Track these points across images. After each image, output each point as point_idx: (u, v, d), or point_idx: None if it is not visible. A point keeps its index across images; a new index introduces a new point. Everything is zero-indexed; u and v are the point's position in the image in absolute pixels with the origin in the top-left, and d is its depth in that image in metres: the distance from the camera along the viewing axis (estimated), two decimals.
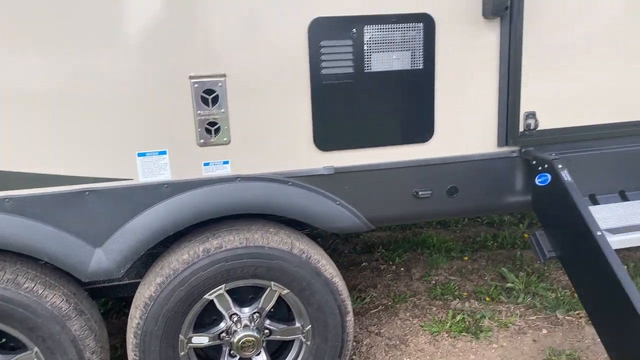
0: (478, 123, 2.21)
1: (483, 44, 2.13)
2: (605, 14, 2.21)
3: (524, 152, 2.24)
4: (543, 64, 2.18)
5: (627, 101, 2.31)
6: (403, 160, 2.17)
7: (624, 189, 2.33)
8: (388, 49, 2.06)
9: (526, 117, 2.22)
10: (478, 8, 2.09)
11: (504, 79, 2.17)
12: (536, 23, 2.13)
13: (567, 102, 2.25)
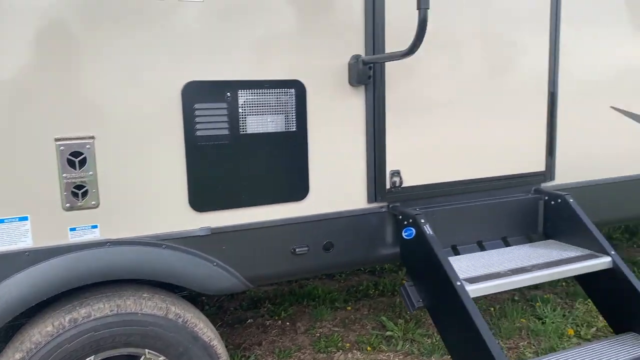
0: (349, 181, 2.34)
1: (351, 108, 2.29)
2: (459, 78, 2.46)
3: (392, 208, 2.40)
4: (405, 126, 2.38)
5: (481, 159, 2.57)
6: (280, 218, 2.23)
7: (482, 239, 2.56)
8: (262, 112, 2.14)
9: (392, 175, 2.38)
10: (345, 77, 2.25)
11: (370, 140, 2.33)
12: (397, 89, 2.33)
13: (429, 161, 2.45)
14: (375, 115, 2.31)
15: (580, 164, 2.80)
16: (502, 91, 2.56)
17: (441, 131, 2.46)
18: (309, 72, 2.19)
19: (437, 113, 2.45)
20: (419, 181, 2.43)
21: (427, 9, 1.84)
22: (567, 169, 2.77)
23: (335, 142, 2.28)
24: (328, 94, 2.23)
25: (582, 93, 2.75)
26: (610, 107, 2.85)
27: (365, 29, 2.25)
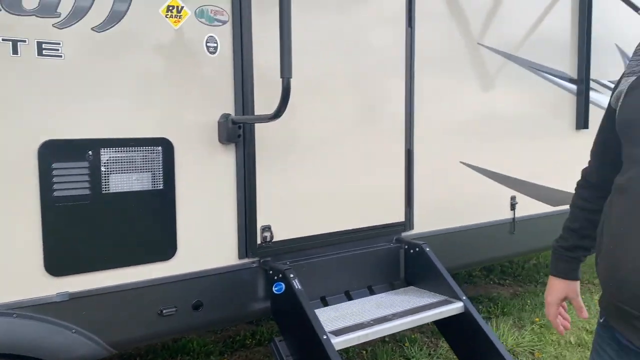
0: (220, 238, 2.34)
1: (221, 166, 2.31)
2: (326, 134, 2.59)
3: (263, 263, 2.44)
4: (276, 181, 2.45)
5: (348, 211, 2.71)
6: (145, 279, 2.16)
7: (349, 289, 2.68)
8: (127, 170, 2.09)
9: (263, 231, 2.43)
10: (215, 134, 2.28)
11: (241, 196, 2.37)
12: (268, 146, 2.41)
13: (299, 215, 2.54)
14: (246, 172, 2.36)
15: (436, 213, 3.05)
16: (367, 146, 2.74)
17: (310, 185, 2.56)
18: (177, 130, 2.19)
19: (306, 167, 2.55)
20: (290, 235, 2.50)
21: (289, 78, 1.95)
22: (424, 219, 3.01)
23: (205, 199, 2.28)
24: (197, 152, 2.25)
25: (435, 149, 3.02)
26: (460, 162, 3.16)
27: (234, 89, 2.31)
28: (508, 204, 3.42)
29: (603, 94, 3.91)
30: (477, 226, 3.24)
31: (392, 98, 2.82)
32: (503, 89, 3.32)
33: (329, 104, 2.59)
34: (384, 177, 2.82)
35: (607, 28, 3.81)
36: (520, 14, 3.38)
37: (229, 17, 2.27)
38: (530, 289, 5.25)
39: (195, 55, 2.21)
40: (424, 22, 2.88)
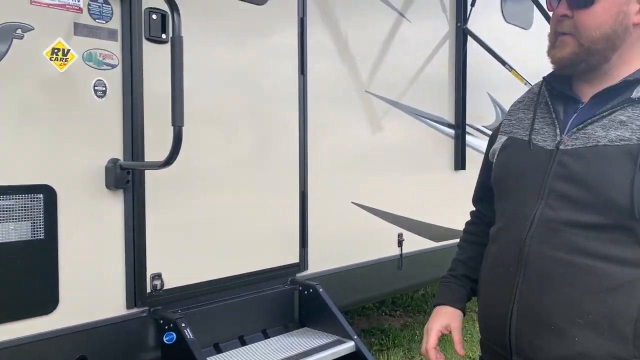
0: (107, 288, 2.24)
1: (108, 213, 2.23)
2: (220, 183, 2.60)
3: (153, 312, 2.36)
4: (167, 227, 2.40)
5: (242, 254, 2.71)
6: (22, 336, 2.01)
7: (243, 334, 2.66)
8: (3, 220, 1.96)
9: (153, 279, 2.36)
10: (102, 180, 2.20)
11: (130, 244, 2.29)
12: (158, 192, 2.36)
13: (191, 261, 2.50)
14: (135, 219, 2.29)
15: (330, 253, 3.14)
16: (262, 188, 2.77)
17: (203, 230, 2.54)
18: (61, 176, 2.09)
19: (198, 212, 2.53)
20: (181, 282, 2.45)
21: (181, 127, 1.95)
22: (319, 259, 3.08)
23: (90, 248, 2.18)
24: (82, 199, 2.15)
25: (328, 190, 3.13)
26: (351, 202, 3.29)
27: (123, 133, 2.26)
28: (396, 240, 3.61)
29: (477, 137, 4.28)
30: (368, 263, 3.37)
31: (286, 143, 2.89)
32: (389, 133, 3.52)
33: (223, 147, 2.61)
34: (278, 219, 2.87)
35: (480, 78, 4.20)
36: (404, 66, 3.64)
37: (119, 61, 2.24)
38: (419, 319, 5.50)
39: (82, 99, 2.14)
40: (316, 71, 3.01)
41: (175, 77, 1.92)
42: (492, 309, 1.35)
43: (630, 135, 1.20)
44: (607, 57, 1.28)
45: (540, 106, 1.39)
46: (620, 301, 1.16)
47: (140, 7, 2.28)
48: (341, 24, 3.17)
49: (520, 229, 1.30)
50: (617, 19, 1.26)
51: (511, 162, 1.40)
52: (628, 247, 1.19)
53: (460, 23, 3.99)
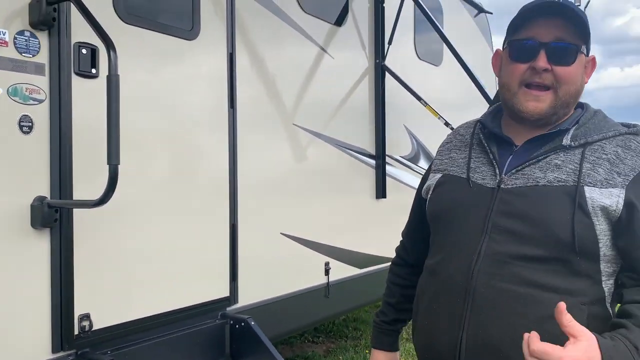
0: (30, 331, 2.13)
1: (33, 253, 2.14)
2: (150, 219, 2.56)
3: (80, 355, 2.26)
4: (96, 267, 2.33)
5: (172, 291, 2.67)
6: None
7: None
8: None
9: (81, 320, 2.27)
10: (27, 219, 2.11)
11: (56, 284, 2.20)
12: (85, 230, 2.29)
13: (119, 300, 2.43)
14: (62, 258, 2.21)
15: (259, 285, 3.16)
16: (192, 223, 2.76)
17: (132, 267, 2.49)
18: None
19: (127, 249, 2.48)
20: (111, 322, 2.38)
21: (117, 165, 1.93)
22: (249, 291, 3.09)
23: (12, 290, 2.07)
24: (7, 238, 2.05)
25: (258, 222, 3.16)
26: (280, 233, 3.34)
27: (50, 170, 2.18)
28: (323, 269, 3.69)
29: (396, 167, 4.51)
30: (298, 293, 3.42)
31: (216, 176, 2.91)
32: (315, 164, 3.63)
33: (153, 181, 2.58)
34: (208, 253, 2.86)
35: (397, 111, 4.44)
36: (328, 99, 3.79)
37: (46, 96, 2.17)
38: (342, 344, 5.59)
39: (7, 135, 2.06)
40: (245, 104, 3.06)
41: (112, 115, 1.90)
42: (439, 338, 1.42)
43: (566, 177, 1.34)
44: (570, 109, 1.44)
45: (473, 147, 1.51)
46: (559, 327, 1.24)
47: (70, 41, 2.23)
48: (268, 59, 3.26)
49: (466, 261, 1.38)
50: (581, 78, 1.42)
51: (449, 198, 1.49)
52: (565, 278, 1.32)
53: (379, 60, 4.22)
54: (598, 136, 1.39)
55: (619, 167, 1.34)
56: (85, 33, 2.27)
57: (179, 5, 2.72)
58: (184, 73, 2.74)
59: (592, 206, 1.31)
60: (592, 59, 1.45)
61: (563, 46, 1.37)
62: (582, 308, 1.30)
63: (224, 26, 2.94)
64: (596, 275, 1.34)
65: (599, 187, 1.32)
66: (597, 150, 1.37)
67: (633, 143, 1.39)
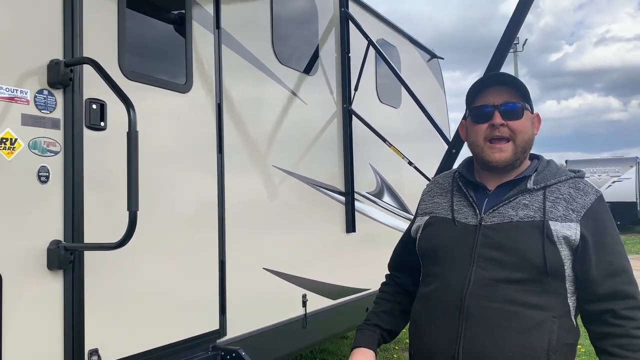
0: None
1: (49, 294, 2.30)
2: (150, 263, 2.75)
3: None
4: (101, 306, 2.50)
5: (166, 328, 2.84)
6: None
7: None
8: None
9: (90, 355, 2.43)
10: (44, 261, 2.28)
11: (69, 322, 2.36)
12: (94, 270, 2.47)
13: (124, 335, 2.60)
14: (74, 298, 2.37)
15: (245, 318, 3.36)
16: (185, 261, 2.95)
17: (134, 305, 2.66)
18: (6, 260, 2.15)
19: (129, 288, 2.65)
20: (116, 355, 2.54)
21: (136, 211, 2.15)
22: (235, 324, 3.29)
23: (31, 330, 2.23)
24: (26, 281, 2.22)
25: (242, 258, 3.38)
26: (263, 268, 3.57)
27: (64, 216, 2.37)
28: (300, 301, 3.92)
29: (363, 202, 4.83)
30: (278, 325, 3.64)
31: (207, 217, 3.14)
32: (291, 201, 3.90)
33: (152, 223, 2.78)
34: (200, 288, 3.06)
35: (363, 151, 4.79)
36: (302, 142, 4.09)
37: (61, 148, 2.37)
38: None
39: (27, 185, 2.24)
40: (231, 149, 3.32)
41: (131, 167, 2.13)
42: (438, 353, 1.71)
43: (534, 214, 1.67)
44: (524, 159, 1.77)
45: (454, 192, 1.84)
46: (536, 337, 1.60)
47: (82, 98, 2.45)
48: (250, 107, 3.55)
49: (459, 286, 1.68)
50: (531, 129, 1.77)
51: (439, 236, 1.79)
52: (540, 295, 1.63)
53: (346, 104, 4.58)
54: (554, 180, 1.74)
55: (572, 204, 1.68)
56: (94, 90, 2.50)
57: (174, 62, 2.99)
58: (179, 122, 2.99)
59: (556, 236, 1.63)
60: (537, 115, 1.82)
61: (511, 105, 1.73)
62: (553, 320, 1.62)
63: (213, 79, 3.22)
64: (563, 292, 1.66)
65: (560, 221, 1.65)
66: (554, 191, 1.71)
67: (581, 184, 1.74)
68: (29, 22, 2.30)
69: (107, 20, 2.62)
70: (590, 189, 1.73)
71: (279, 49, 3.85)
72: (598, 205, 1.69)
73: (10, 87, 2.20)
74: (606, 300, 1.62)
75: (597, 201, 1.70)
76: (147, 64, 2.84)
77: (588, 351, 5.53)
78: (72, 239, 2.37)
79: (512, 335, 1.61)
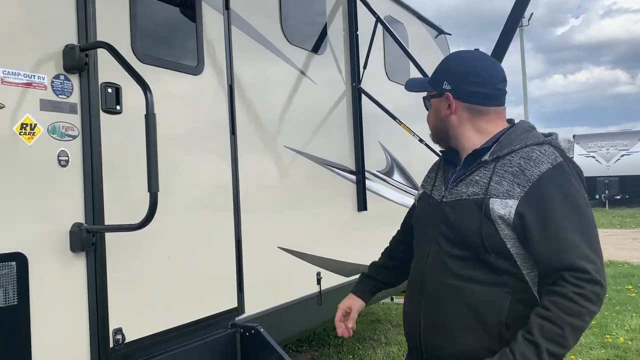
0: (73, 346, 2.34)
1: (73, 275, 2.35)
2: (170, 241, 2.79)
3: None
4: (125, 284, 2.56)
5: (187, 307, 2.90)
6: None
7: None
8: None
9: (115, 334, 2.50)
10: (66, 244, 2.33)
11: (93, 303, 2.42)
12: (116, 252, 2.52)
13: (146, 315, 2.66)
14: (97, 279, 2.43)
15: (261, 296, 3.42)
16: (202, 241, 3.00)
17: (154, 285, 2.72)
18: (31, 242, 2.20)
19: (149, 269, 2.70)
20: (140, 334, 2.60)
21: (157, 192, 2.18)
22: (252, 302, 3.35)
23: (58, 310, 2.29)
24: (50, 263, 2.27)
25: (258, 237, 3.43)
26: (278, 247, 3.62)
27: (84, 199, 2.41)
28: (315, 279, 3.98)
29: (374, 181, 4.86)
30: (294, 302, 3.70)
31: (223, 197, 3.18)
32: (303, 181, 3.93)
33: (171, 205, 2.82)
34: (218, 268, 3.11)
35: (373, 130, 4.80)
36: (313, 122, 4.11)
37: (79, 132, 2.41)
38: (325, 352, 5.86)
39: (48, 169, 2.28)
40: (244, 130, 3.35)
41: (150, 149, 2.16)
42: (409, 321, 1.86)
43: (479, 190, 1.67)
44: (447, 139, 1.86)
45: (439, 170, 1.94)
46: (487, 312, 1.65)
47: (97, 82, 2.48)
48: (260, 88, 3.56)
49: (422, 261, 1.81)
50: (438, 116, 1.84)
51: (421, 211, 1.94)
52: (487, 272, 1.67)
53: (355, 83, 4.58)
54: (507, 150, 1.67)
55: (519, 178, 1.60)
56: (110, 74, 2.52)
57: (185, 44, 3.00)
58: (192, 105, 3.01)
59: (494, 215, 1.62)
60: (446, 95, 1.79)
61: (423, 101, 1.94)
62: (506, 296, 1.64)
63: (223, 61, 3.23)
64: (515, 270, 1.65)
65: (500, 198, 1.61)
66: (505, 164, 1.65)
67: (535, 153, 1.63)
68: (44, 8, 2.31)
69: (119, 3, 2.62)
70: (545, 157, 1.62)
71: (287, 29, 3.85)
72: (550, 175, 1.58)
73: (28, 72, 2.23)
74: (556, 274, 1.56)
75: (551, 170, 1.59)
76: (159, 47, 2.85)
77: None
78: (92, 221, 2.41)
79: (464, 310, 1.68)
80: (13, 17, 2.20)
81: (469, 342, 1.66)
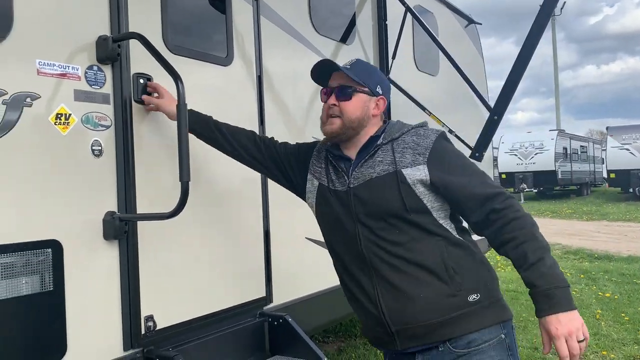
0: (106, 332, 2.39)
1: (106, 262, 2.40)
2: (199, 232, 2.83)
3: (147, 352, 2.52)
4: (157, 273, 2.60)
5: (216, 296, 2.94)
6: None
7: None
8: (16, 274, 2.08)
9: (146, 320, 2.54)
10: (100, 232, 2.38)
11: (125, 290, 2.46)
12: (148, 240, 2.56)
13: (177, 303, 2.70)
14: (129, 266, 2.47)
15: (290, 286, 3.44)
16: (233, 232, 3.03)
17: (185, 273, 2.75)
18: (66, 230, 2.24)
19: (181, 258, 2.73)
20: (170, 322, 2.64)
21: (188, 181, 2.21)
22: (280, 292, 3.37)
23: (92, 297, 2.34)
24: (84, 251, 2.31)
25: (286, 228, 3.44)
26: (305, 238, 3.63)
27: (117, 188, 2.45)
28: None
29: None
30: (322, 292, 3.71)
31: (251, 188, 3.20)
32: None
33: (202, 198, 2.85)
34: (247, 257, 3.14)
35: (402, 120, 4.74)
36: None
37: (112, 123, 2.44)
38: (351, 342, 5.88)
39: (82, 158, 2.32)
40: (272, 120, 3.35)
41: (182, 139, 2.18)
42: (366, 307, 1.99)
43: (388, 167, 1.95)
44: (358, 131, 2.04)
45: (328, 165, 2.12)
46: (431, 261, 1.89)
47: (129, 73, 2.51)
48: (288, 78, 3.56)
49: (356, 244, 1.97)
50: (363, 110, 2.03)
51: (328, 209, 2.08)
52: (414, 230, 1.92)
53: (384, 73, 4.54)
54: (399, 133, 2.02)
55: (417, 149, 1.95)
56: (141, 65, 2.55)
57: (215, 35, 3.01)
58: (221, 96, 3.03)
59: (409, 179, 1.91)
60: (382, 98, 2.10)
61: (342, 88, 2.04)
62: (439, 243, 1.93)
63: (252, 52, 3.23)
64: (434, 222, 1.94)
65: (410, 166, 1.93)
66: (400, 143, 1.99)
67: (421, 131, 2.02)
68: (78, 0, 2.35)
69: None
70: (430, 132, 2.01)
71: (316, 19, 3.83)
72: (439, 142, 1.97)
73: (62, 63, 2.27)
74: (484, 205, 1.89)
75: (437, 139, 1.98)
76: (189, 38, 2.87)
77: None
78: (125, 210, 2.45)
79: (414, 269, 1.90)
80: (48, 9, 2.24)
81: (429, 294, 1.89)
